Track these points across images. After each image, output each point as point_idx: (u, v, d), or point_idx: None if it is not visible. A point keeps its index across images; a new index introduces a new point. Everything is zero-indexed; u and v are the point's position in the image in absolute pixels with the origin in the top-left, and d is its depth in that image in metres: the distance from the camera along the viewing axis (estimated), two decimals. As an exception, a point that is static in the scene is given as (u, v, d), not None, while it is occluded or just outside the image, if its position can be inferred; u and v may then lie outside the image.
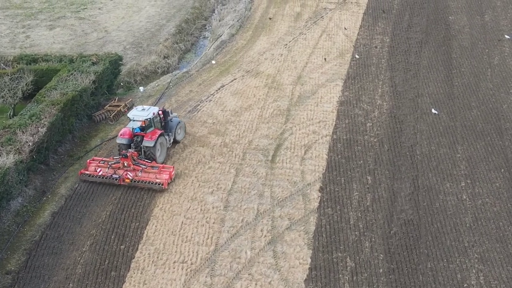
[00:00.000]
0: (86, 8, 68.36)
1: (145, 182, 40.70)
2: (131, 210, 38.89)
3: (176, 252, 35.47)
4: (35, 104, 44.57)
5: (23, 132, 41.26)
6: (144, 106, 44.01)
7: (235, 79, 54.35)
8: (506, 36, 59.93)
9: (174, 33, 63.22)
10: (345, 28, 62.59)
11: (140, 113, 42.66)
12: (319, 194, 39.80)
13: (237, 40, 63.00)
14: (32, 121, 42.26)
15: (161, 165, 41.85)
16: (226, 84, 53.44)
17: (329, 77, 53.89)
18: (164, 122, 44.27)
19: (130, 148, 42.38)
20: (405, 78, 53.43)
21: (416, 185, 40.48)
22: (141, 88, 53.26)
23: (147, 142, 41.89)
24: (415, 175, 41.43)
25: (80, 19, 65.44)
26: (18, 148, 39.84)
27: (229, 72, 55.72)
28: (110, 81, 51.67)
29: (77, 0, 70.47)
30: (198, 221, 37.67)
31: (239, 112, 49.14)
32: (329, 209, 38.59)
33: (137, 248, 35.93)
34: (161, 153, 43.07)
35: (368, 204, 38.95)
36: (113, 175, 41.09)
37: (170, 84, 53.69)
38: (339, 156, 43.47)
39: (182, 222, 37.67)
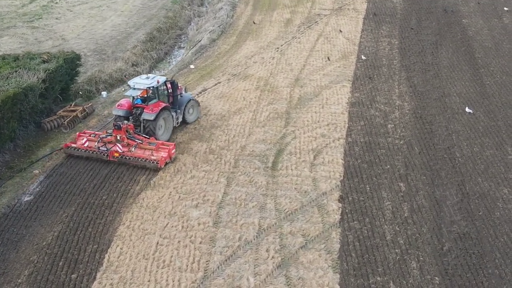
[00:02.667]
0: (41, 18, 58.64)
1: (137, 159, 33.48)
2: (87, 230, 28.56)
3: (149, 281, 25.18)
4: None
5: None
6: (150, 75, 37.23)
7: (219, 82, 44.72)
8: None
9: (145, 41, 53.59)
10: (340, 31, 53.41)
11: (143, 81, 35.66)
12: (340, 204, 29.94)
13: (219, 45, 53.57)
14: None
15: (160, 142, 34.56)
16: (209, 88, 43.78)
17: (333, 78, 44.56)
18: (172, 96, 37.24)
19: (128, 121, 35.23)
20: (424, 78, 44.34)
21: (464, 192, 30.89)
22: (104, 93, 43.30)
23: (147, 115, 34.89)
24: (461, 180, 31.88)
25: (34, 28, 55.62)
26: None
27: (211, 76, 46.10)
28: (65, 83, 41.57)
29: (31, 10, 60.73)
30: (179, 241, 27.48)
31: (226, 116, 39.36)
32: (355, 222, 28.68)
33: (94, 278, 25.53)
34: (164, 131, 36.12)
35: (406, 215, 29.15)
36: (100, 147, 34.15)
37: (141, 88, 43.79)
38: (359, 161, 33.77)
39: (158, 243, 27.42)
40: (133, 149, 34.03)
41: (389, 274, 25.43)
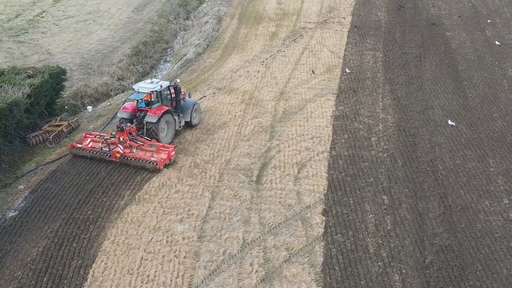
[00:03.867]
0: (27, 32, 58.56)
1: (137, 160, 34.93)
2: (72, 245, 28.64)
3: (134, 296, 25.28)
4: None
5: None
6: (154, 80, 38.87)
7: (204, 96, 44.88)
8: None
9: (130, 55, 53.66)
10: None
11: (147, 85, 37.18)
12: (323, 218, 30.16)
13: (205, 59, 53.74)
14: None
15: (160, 144, 35.90)
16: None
17: (318, 92, 44.81)
18: (175, 101, 38.81)
19: (132, 123, 36.98)
20: (408, 91, 44.69)
21: (447, 204, 31.23)
22: (89, 108, 43.36)
23: (150, 118, 36.36)
24: (443, 192, 32.22)
25: (19, 42, 55.58)
26: None
27: (196, 90, 46.23)
28: (51, 98, 41.59)
29: (17, 25, 60.66)
30: (163, 256, 27.62)
31: (211, 130, 39.56)
32: (338, 235, 28.92)
33: (78, 293, 25.64)
34: (166, 134, 37.71)
35: (389, 228, 29.44)
36: (103, 148, 35.72)
37: (125, 103, 43.77)
38: (342, 174, 34.02)
39: (142, 258, 27.56)
40: (134, 151, 35.22)
41: (372, 287, 25.67)
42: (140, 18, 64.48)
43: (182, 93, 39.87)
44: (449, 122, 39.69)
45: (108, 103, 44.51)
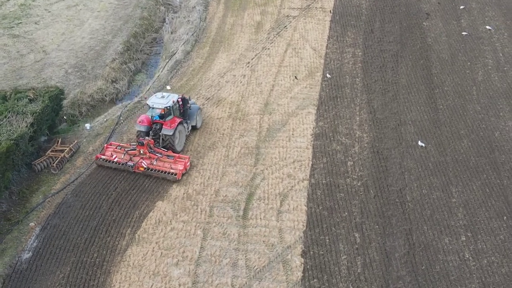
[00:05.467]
0: (20, 22, 60.70)
1: (159, 172, 40.46)
2: (82, 293, 32.88)
3: None
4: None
5: None
6: (164, 93, 43.51)
7: (195, 108, 48.21)
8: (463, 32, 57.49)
9: (122, 51, 56.29)
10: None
11: (160, 101, 42.30)
12: (302, 260, 34.31)
13: (193, 58, 56.49)
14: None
15: (177, 155, 41.27)
16: (186, 116, 47.38)
17: (300, 103, 48.10)
18: (183, 110, 43.94)
19: (148, 135, 42.19)
20: (383, 101, 48.01)
21: (411, 242, 35.36)
22: (87, 126, 46.56)
23: (167, 131, 41.67)
24: (409, 228, 36.29)
25: (15, 37, 57.87)
26: None
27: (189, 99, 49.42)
28: (51, 120, 44.86)
29: (10, 13, 62.65)
30: (163, 305, 31.95)
31: (201, 153, 43.17)
32: (315, 280, 33.22)
33: None
34: (179, 141, 42.83)
35: (359, 271, 33.67)
36: (128, 163, 40.89)
37: (121, 118, 47.15)
38: (320, 208, 37.97)
39: (144, 307, 31.91)
40: (155, 162, 40.62)
41: (342, 338, 30.16)
42: (130, 1, 66.34)
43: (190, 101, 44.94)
44: (419, 143, 43.22)
45: (104, 119, 47.62)
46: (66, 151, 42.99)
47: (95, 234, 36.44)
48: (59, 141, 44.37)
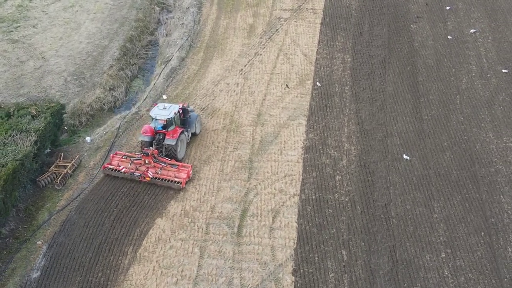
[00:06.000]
0: (19, 26, 62.24)
1: (164, 180, 43.29)
2: (88, 313, 35.46)
3: None
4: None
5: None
6: (166, 104, 45.81)
7: (190, 120, 50.38)
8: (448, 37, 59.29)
9: (119, 57, 58.09)
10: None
11: (162, 112, 44.94)
12: (293, 278, 36.87)
13: (188, 65, 58.38)
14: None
15: (180, 164, 43.94)
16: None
17: (291, 113, 50.26)
18: (183, 119, 46.77)
19: (152, 145, 44.97)
20: (371, 111, 50.19)
21: (395, 259, 37.88)
22: (88, 139, 48.67)
23: (169, 141, 44.56)
24: (392, 245, 38.80)
25: (14, 42, 59.53)
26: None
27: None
28: (54, 135, 46.98)
29: (8, 15, 64.15)
30: (164, 326, 34.57)
31: (197, 167, 45.45)
32: (305, 299, 35.82)
33: None
34: (181, 149, 45.62)
35: (345, 289, 36.30)
36: (134, 173, 43.62)
37: (119, 130, 49.27)
38: (310, 224, 40.43)
39: (147, 328, 34.52)
40: (159, 171, 43.37)
41: None
42: (124, 1, 67.81)
43: (189, 109, 47.59)
44: (404, 156, 45.52)
45: (104, 131, 49.69)
46: (68, 166, 45.14)
47: (98, 252, 38.82)
48: (62, 155, 46.47)
